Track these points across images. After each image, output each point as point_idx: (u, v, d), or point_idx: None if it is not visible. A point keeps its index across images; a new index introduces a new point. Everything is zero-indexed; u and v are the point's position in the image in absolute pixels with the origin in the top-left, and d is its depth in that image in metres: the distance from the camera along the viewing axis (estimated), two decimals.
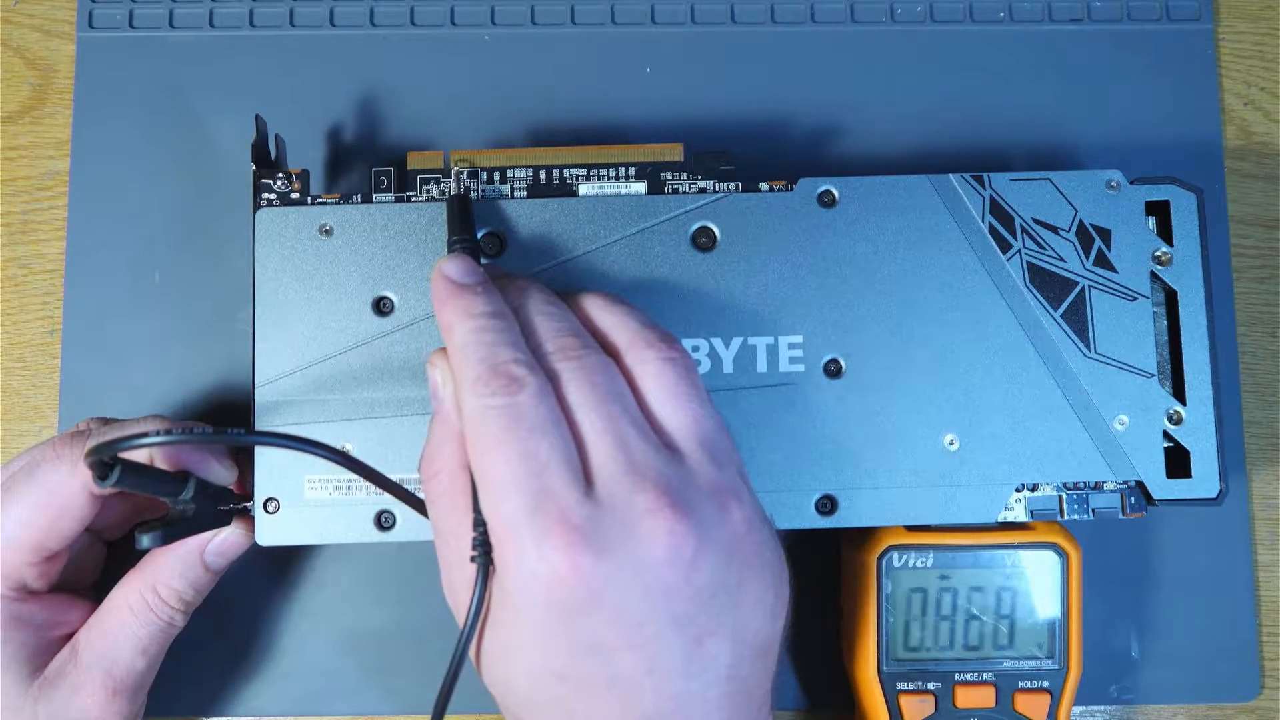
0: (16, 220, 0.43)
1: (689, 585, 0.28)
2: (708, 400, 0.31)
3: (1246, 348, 0.43)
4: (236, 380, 0.42)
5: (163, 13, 0.44)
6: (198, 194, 0.43)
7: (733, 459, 0.31)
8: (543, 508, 0.28)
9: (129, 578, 0.36)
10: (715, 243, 0.37)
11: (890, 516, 0.36)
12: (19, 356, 0.43)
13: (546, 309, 0.32)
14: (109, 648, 0.35)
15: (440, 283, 0.32)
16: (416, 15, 0.44)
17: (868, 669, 0.37)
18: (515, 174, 0.37)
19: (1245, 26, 0.45)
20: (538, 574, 0.27)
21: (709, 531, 0.28)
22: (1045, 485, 0.36)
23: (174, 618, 0.36)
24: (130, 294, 0.42)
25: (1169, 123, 0.44)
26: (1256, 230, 0.44)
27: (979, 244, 0.37)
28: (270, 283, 0.36)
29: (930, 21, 0.44)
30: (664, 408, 0.31)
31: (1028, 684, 0.37)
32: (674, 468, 0.29)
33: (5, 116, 0.44)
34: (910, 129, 0.44)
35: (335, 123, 0.43)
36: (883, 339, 0.36)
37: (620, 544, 0.27)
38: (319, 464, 0.35)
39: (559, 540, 0.27)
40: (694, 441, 0.30)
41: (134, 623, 0.35)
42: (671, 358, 0.31)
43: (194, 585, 0.36)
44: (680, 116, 0.44)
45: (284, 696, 0.41)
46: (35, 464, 0.34)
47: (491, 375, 0.29)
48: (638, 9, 0.44)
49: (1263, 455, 0.43)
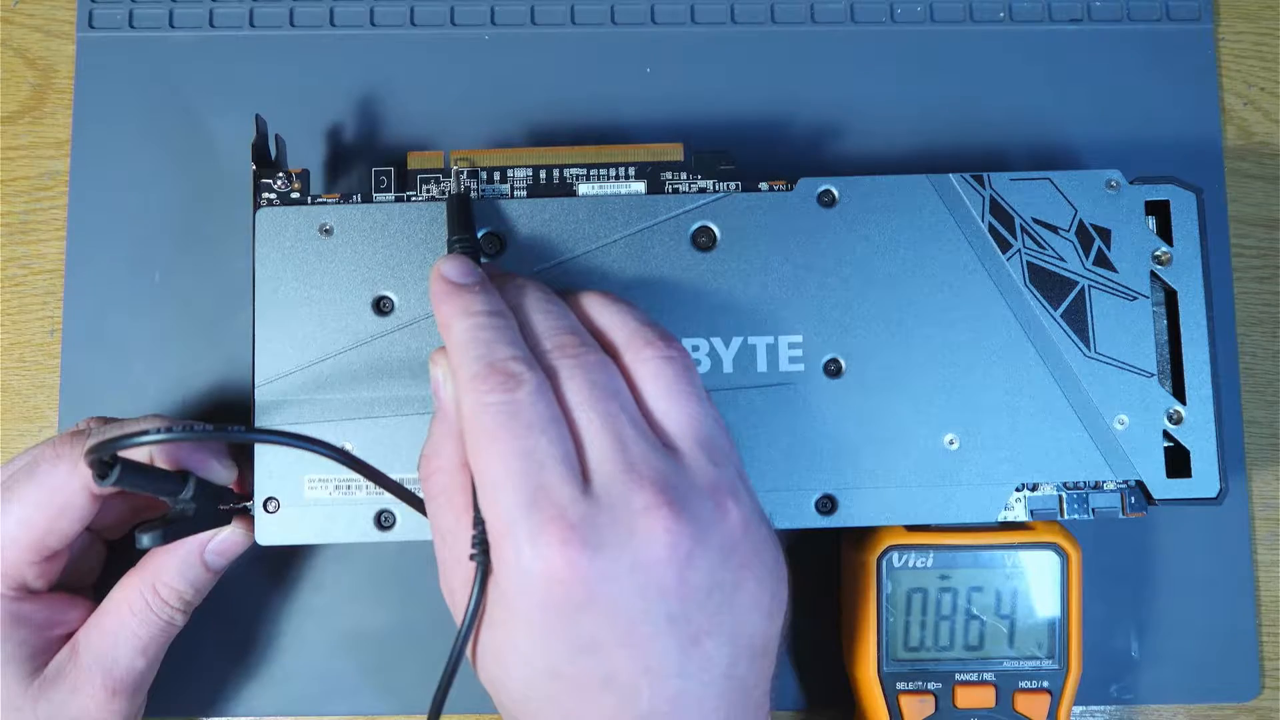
0: (16, 220, 0.43)
1: (685, 584, 0.28)
2: (706, 399, 0.31)
3: (1246, 348, 0.43)
4: (236, 380, 0.42)
5: (163, 13, 0.44)
6: (198, 194, 0.43)
7: (731, 458, 0.31)
8: (539, 504, 0.28)
9: (129, 577, 0.36)
10: (715, 242, 0.37)
11: (890, 516, 0.36)
12: (19, 356, 0.43)
13: (545, 307, 0.32)
14: (109, 647, 0.35)
15: (439, 282, 0.32)
16: (416, 15, 0.44)
17: (868, 669, 0.37)
18: (515, 174, 0.37)
19: (1245, 26, 0.45)
20: (533, 571, 0.27)
21: (706, 530, 0.28)
22: (1045, 485, 0.36)
23: (174, 617, 0.36)
24: (130, 294, 0.42)
25: (1169, 123, 0.44)
26: (1256, 230, 0.44)
27: (979, 244, 0.37)
28: (270, 282, 0.36)
29: (930, 21, 0.44)
30: (662, 406, 0.31)
31: (1028, 684, 0.37)
32: (672, 466, 0.29)
33: (5, 116, 0.44)
34: (910, 129, 0.44)
35: (335, 123, 0.43)
36: (883, 339, 0.36)
37: (617, 542, 0.27)
38: (319, 464, 0.35)
39: (555, 537, 0.27)
40: (692, 440, 0.30)
41: (134, 622, 0.35)
42: (670, 356, 0.31)
43: (194, 584, 0.36)
44: (680, 116, 0.44)
45: (284, 696, 0.41)
46: (35, 463, 0.34)
47: (489, 372, 0.29)
48: (638, 9, 0.44)
49: (1263, 455, 0.43)
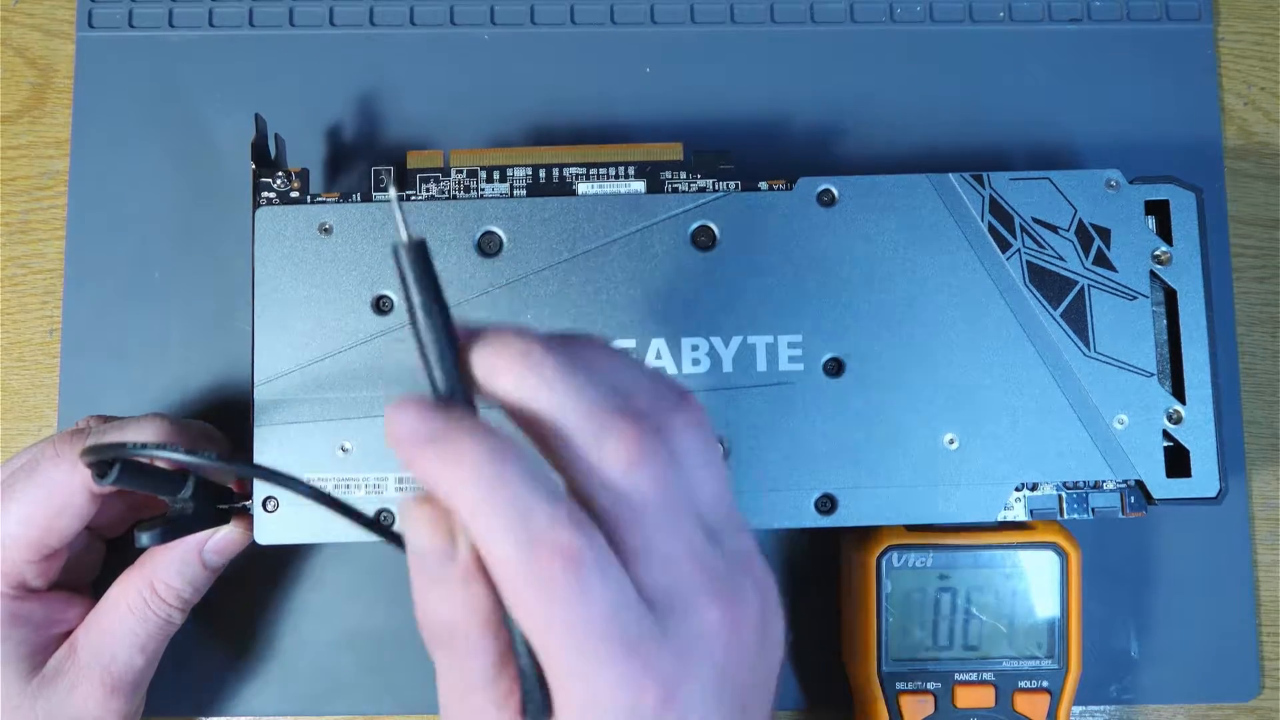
0: (16, 220, 0.43)
1: (745, 669, 0.26)
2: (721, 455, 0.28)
3: (1246, 348, 0.43)
4: (236, 379, 0.42)
5: (163, 13, 0.44)
6: (198, 194, 0.43)
7: (743, 524, 0.28)
8: (613, 650, 0.24)
9: (127, 576, 0.36)
10: (715, 242, 0.37)
11: (890, 516, 0.36)
12: (19, 356, 0.43)
13: (584, 389, 0.25)
14: (107, 645, 0.35)
15: (404, 446, 0.24)
16: (416, 15, 0.44)
17: (868, 669, 0.37)
18: (515, 173, 0.37)
19: (1245, 26, 0.45)
20: (618, 701, 0.24)
21: (749, 608, 0.26)
22: (1045, 484, 0.36)
23: (172, 615, 0.36)
24: (130, 293, 0.42)
25: (1169, 123, 0.44)
26: (1256, 230, 0.44)
27: (979, 243, 0.37)
28: (270, 281, 0.36)
29: (930, 21, 0.44)
30: (704, 485, 0.26)
31: (1027, 684, 0.37)
32: (721, 558, 0.26)
33: (5, 116, 0.44)
34: (910, 129, 0.44)
35: (335, 122, 0.43)
36: (882, 338, 0.36)
37: (689, 648, 0.25)
38: (319, 463, 0.35)
39: (636, 669, 0.24)
40: (725, 516, 0.27)
41: (132, 620, 0.35)
42: (701, 420, 0.27)
43: (192, 583, 0.36)
44: (680, 116, 0.44)
45: (284, 696, 0.41)
46: (35, 462, 0.34)
47: (535, 552, 0.23)
48: (638, 9, 0.44)
49: (1263, 455, 0.43)
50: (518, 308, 0.36)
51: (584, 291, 0.36)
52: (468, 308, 0.36)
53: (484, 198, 0.37)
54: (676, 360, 0.36)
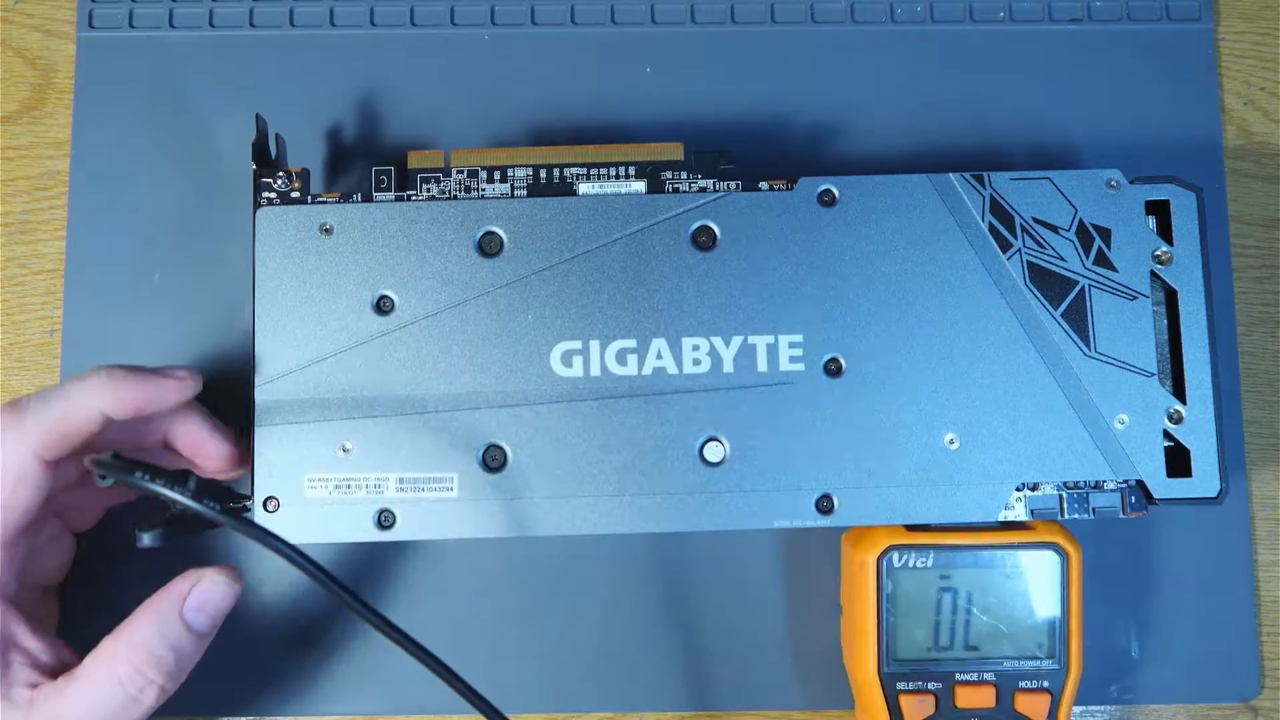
0: (16, 220, 0.43)
1: None
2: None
3: (1246, 348, 0.43)
4: (237, 380, 0.41)
5: (163, 13, 0.44)
6: (198, 194, 0.43)
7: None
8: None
9: (110, 647, 0.33)
10: (715, 242, 0.37)
11: (890, 516, 0.36)
12: (19, 356, 0.43)
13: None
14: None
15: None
16: (416, 15, 0.44)
17: (868, 669, 0.37)
18: (515, 173, 0.37)
19: (1245, 26, 0.45)
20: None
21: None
22: (1045, 484, 0.36)
23: (158, 695, 0.33)
24: (130, 294, 0.42)
25: (1169, 123, 0.44)
26: (1256, 230, 0.44)
27: (979, 243, 0.37)
28: (270, 282, 0.36)
29: (930, 21, 0.44)
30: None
31: (1028, 684, 0.37)
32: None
33: (5, 116, 0.44)
34: (910, 129, 0.44)
35: (335, 122, 0.43)
36: (883, 338, 0.36)
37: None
38: (319, 463, 0.35)
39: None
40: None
41: (121, 695, 0.33)
42: None
43: (174, 648, 0.33)
44: (680, 116, 0.44)
45: (284, 696, 0.41)
46: None
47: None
48: (638, 9, 0.44)
49: (1263, 455, 0.43)
50: (518, 308, 0.36)
51: (584, 291, 0.36)
52: (469, 308, 0.36)
53: (484, 198, 0.37)
54: (677, 360, 0.36)
